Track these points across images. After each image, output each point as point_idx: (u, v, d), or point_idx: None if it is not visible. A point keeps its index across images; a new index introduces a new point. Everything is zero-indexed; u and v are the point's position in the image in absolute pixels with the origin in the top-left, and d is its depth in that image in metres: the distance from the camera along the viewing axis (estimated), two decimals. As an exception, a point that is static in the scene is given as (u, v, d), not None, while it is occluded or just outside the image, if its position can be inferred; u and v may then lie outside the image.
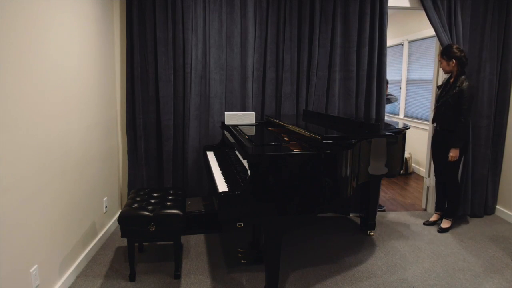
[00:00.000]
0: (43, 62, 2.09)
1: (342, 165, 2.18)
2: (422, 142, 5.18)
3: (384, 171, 2.76)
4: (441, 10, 3.39)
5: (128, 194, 3.39)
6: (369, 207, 3.29)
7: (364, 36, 3.39)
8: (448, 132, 3.27)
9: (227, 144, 3.16)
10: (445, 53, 3.24)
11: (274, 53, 3.43)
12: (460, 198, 3.61)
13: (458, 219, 3.70)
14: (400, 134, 2.83)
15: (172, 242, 2.53)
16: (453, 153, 3.22)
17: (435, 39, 3.58)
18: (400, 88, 5.88)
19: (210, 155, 3.08)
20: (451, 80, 3.27)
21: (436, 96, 3.46)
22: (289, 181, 2.06)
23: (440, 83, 3.57)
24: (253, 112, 3.31)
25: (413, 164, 5.62)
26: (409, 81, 5.68)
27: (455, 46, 3.20)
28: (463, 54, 3.17)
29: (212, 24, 3.30)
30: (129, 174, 3.44)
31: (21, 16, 1.87)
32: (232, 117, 3.25)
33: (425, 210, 3.97)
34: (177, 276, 2.55)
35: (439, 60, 3.34)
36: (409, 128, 3.09)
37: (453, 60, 3.19)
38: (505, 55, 3.58)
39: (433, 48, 4.36)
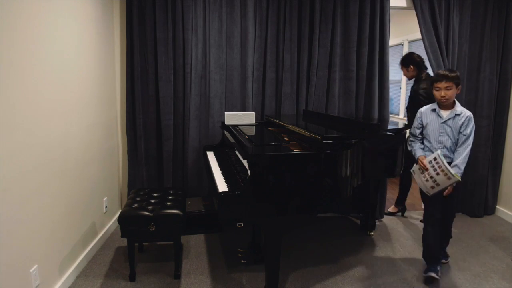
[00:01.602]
0: (43, 62, 2.09)
1: (342, 165, 2.18)
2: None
3: (384, 171, 2.76)
4: (436, 11, 3.38)
5: (128, 194, 3.39)
6: (369, 207, 3.29)
7: (364, 36, 3.40)
8: None
9: (227, 144, 3.16)
10: (402, 61, 3.54)
11: (274, 53, 3.43)
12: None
13: (458, 219, 3.70)
14: (400, 134, 2.83)
15: (172, 242, 2.53)
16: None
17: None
18: (400, 88, 5.88)
19: (210, 155, 3.08)
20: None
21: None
22: (289, 181, 2.06)
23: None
24: (253, 112, 3.31)
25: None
26: (409, 81, 5.67)
27: (415, 54, 3.48)
28: (422, 60, 3.45)
29: (212, 24, 3.30)
30: (129, 174, 3.44)
31: (21, 16, 1.87)
32: (232, 117, 3.25)
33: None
34: (177, 276, 2.55)
35: (401, 69, 3.58)
36: (409, 127, 3.09)
37: (411, 66, 3.46)
38: (505, 55, 3.58)
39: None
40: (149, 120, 3.38)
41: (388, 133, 2.76)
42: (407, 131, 3.23)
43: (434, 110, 2.58)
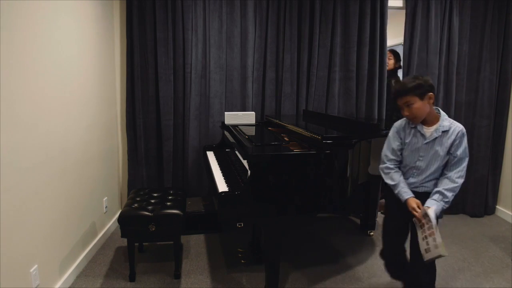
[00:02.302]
0: (43, 62, 2.09)
1: (342, 165, 2.18)
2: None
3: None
4: (432, 12, 3.39)
5: (128, 194, 3.39)
6: (369, 207, 3.29)
7: (364, 36, 3.39)
8: None
9: (227, 144, 3.16)
10: (396, 52, 3.75)
11: (274, 53, 3.43)
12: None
13: (458, 219, 3.70)
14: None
15: (172, 242, 2.53)
16: None
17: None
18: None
19: (210, 155, 3.08)
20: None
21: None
22: (289, 181, 2.06)
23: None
24: (253, 112, 3.31)
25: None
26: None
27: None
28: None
29: (212, 24, 3.30)
30: (129, 174, 3.44)
31: (21, 16, 1.87)
32: (232, 117, 3.25)
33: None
34: (177, 276, 2.55)
35: (389, 58, 3.69)
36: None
37: (399, 63, 3.72)
38: (505, 55, 3.58)
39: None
40: (149, 120, 3.38)
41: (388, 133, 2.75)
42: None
43: (415, 126, 1.96)
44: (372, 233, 3.30)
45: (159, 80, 3.28)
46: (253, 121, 3.28)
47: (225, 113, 3.27)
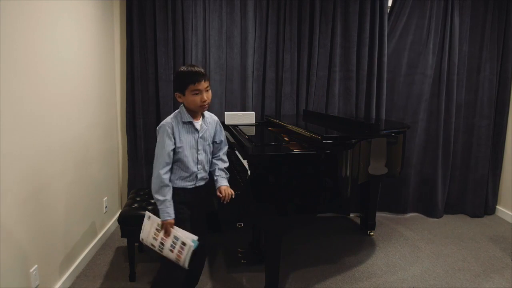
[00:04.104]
0: (43, 62, 2.09)
1: (342, 165, 2.18)
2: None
3: (384, 171, 2.76)
4: (427, 11, 3.40)
5: (128, 194, 3.39)
6: (369, 207, 3.29)
7: (364, 36, 3.39)
8: None
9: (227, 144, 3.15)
10: None
11: (274, 53, 3.42)
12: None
13: (458, 219, 3.70)
14: (400, 134, 2.83)
15: (172, 242, 2.53)
16: None
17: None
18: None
19: (210, 155, 3.08)
20: None
21: None
22: (289, 181, 2.06)
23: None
24: (253, 112, 3.31)
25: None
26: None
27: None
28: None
29: (212, 24, 3.30)
30: (129, 174, 3.44)
31: (21, 16, 1.87)
32: (232, 117, 3.25)
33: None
34: (177, 276, 2.55)
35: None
36: (409, 127, 3.09)
37: None
38: (505, 55, 3.58)
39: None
40: (149, 120, 3.38)
41: (388, 133, 2.76)
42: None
43: (189, 122, 1.90)
44: (372, 233, 3.30)
45: (159, 80, 3.28)
46: (253, 121, 3.28)
47: (225, 113, 3.27)
